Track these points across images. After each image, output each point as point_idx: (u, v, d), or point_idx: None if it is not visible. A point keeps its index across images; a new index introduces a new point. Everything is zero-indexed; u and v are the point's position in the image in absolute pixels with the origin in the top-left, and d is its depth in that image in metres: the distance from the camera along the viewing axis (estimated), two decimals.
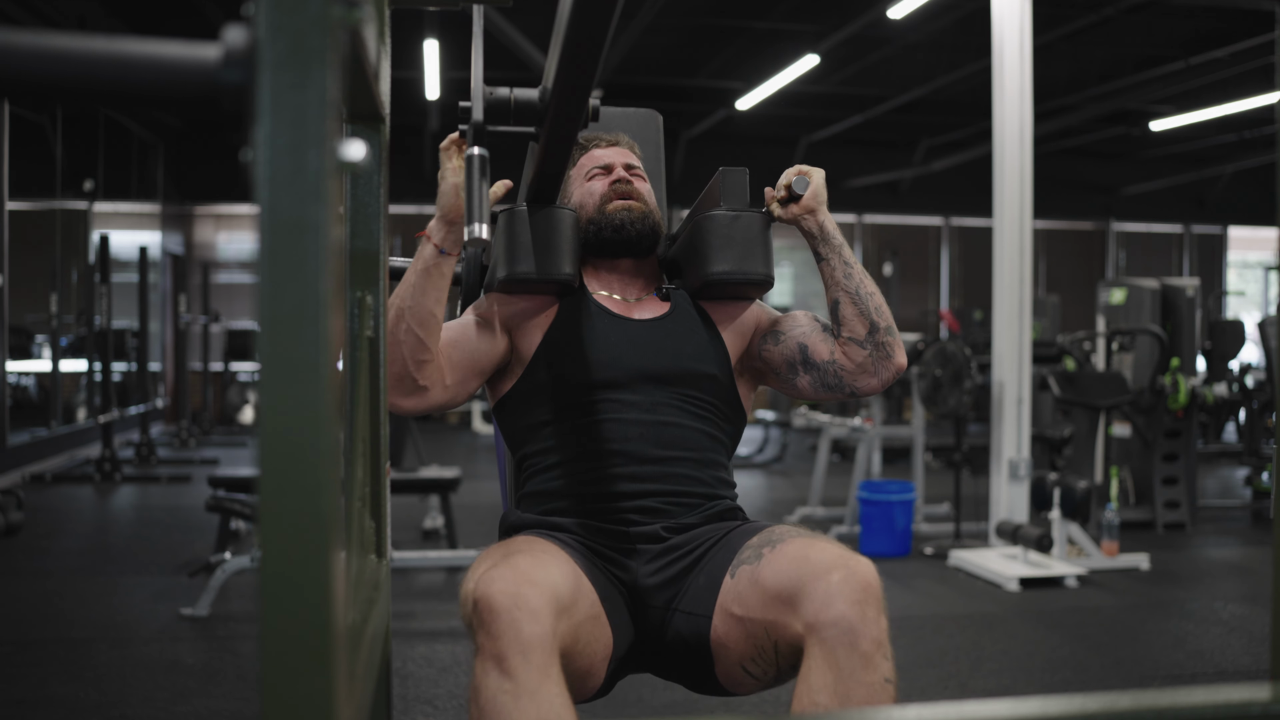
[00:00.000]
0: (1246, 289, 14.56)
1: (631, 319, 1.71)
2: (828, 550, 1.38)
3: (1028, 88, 4.96)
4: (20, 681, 3.21)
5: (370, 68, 0.97)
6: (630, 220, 1.73)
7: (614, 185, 1.76)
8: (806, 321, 1.73)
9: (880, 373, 1.65)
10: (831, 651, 1.29)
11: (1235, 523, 6.21)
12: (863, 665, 1.28)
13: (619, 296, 1.76)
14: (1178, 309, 6.04)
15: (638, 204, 1.75)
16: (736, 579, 1.46)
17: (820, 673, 1.29)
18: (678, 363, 1.66)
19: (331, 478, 0.60)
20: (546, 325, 1.70)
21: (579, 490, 1.61)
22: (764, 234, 1.73)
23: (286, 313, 0.59)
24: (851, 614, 1.29)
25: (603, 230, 1.74)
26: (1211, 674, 3.44)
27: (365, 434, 1.15)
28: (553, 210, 1.70)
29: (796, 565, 1.37)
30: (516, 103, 1.47)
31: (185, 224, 11.73)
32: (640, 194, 1.77)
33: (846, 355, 1.66)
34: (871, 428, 5.69)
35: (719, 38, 8.76)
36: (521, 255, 1.67)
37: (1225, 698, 0.78)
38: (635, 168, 1.82)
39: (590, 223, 1.75)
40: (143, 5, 8.14)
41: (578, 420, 1.63)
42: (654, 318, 1.72)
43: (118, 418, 8.26)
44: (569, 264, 1.69)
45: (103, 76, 0.69)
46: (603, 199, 1.76)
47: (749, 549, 1.48)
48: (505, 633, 1.24)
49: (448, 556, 4.53)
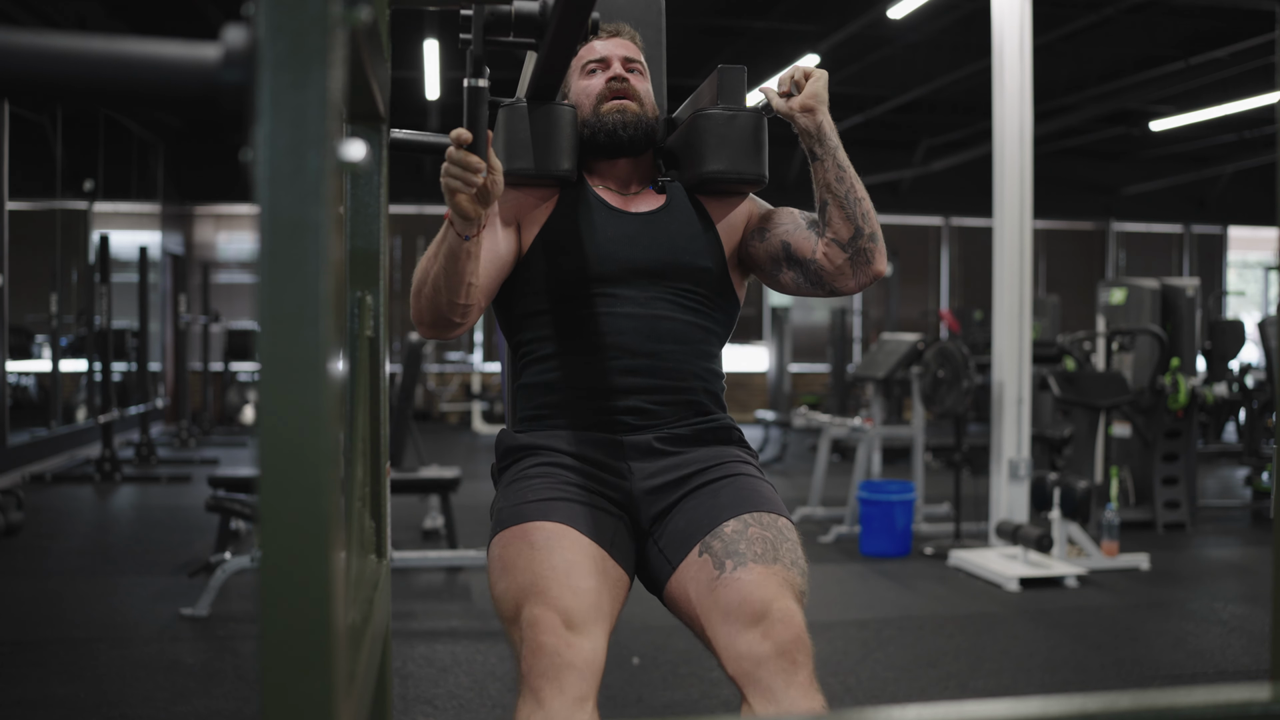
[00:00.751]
0: (1246, 289, 14.56)
1: (629, 212, 1.73)
2: (769, 594, 1.46)
3: (1028, 87, 4.96)
4: (20, 682, 3.21)
5: (370, 68, 0.97)
6: (624, 123, 1.72)
7: (610, 83, 1.73)
8: (790, 220, 1.74)
9: (858, 276, 1.67)
10: (768, 688, 1.42)
11: (1235, 523, 6.21)
12: (800, 694, 1.41)
13: (617, 190, 1.77)
14: (1178, 309, 6.04)
15: (632, 105, 1.73)
16: (701, 563, 1.53)
17: (761, 705, 1.41)
18: (672, 256, 1.69)
19: (331, 478, 0.60)
20: (545, 217, 1.71)
21: (573, 384, 1.66)
22: (758, 134, 1.76)
23: (286, 313, 0.59)
24: (782, 662, 1.42)
25: (597, 134, 1.73)
26: (1212, 674, 3.44)
27: (365, 434, 1.15)
28: (552, 107, 1.72)
29: (737, 605, 1.46)
30: (518, 15, 1.47)
31: (185, 224, 11.73)
32: (637, 93, 1.74)
33: (828, 256, 1.66)
34: (871, 428, 5.69)
35: (719, 38, 8.77)
36: (520, 151, 1.70)
37: (1225, 698, 0.78)
38: (634, 61, 1.78)
39: (585, 124, 1.74)
40: (142, 5, 8.14)
41: (573, 312, 1.67)
42: (650, 210, 1.74)
43: (118, 418, 8.26)
44: (567, 160, 1.72)
45: (103, 76, 0.69)
46: (598, 98, 1.74)
47: (720, 539, 1.54)
48: (549, 675, 1.37)
49: (448, 556, 4.53)
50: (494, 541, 1.57)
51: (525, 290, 1.70)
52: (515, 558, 1.50)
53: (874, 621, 4.00)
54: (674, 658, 3.45)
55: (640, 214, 1.74)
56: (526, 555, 1.49)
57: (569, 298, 1.67)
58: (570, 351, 1.67)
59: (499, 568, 1.52)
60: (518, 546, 1.51)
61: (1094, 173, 13.02)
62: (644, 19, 1.95)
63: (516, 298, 1.72)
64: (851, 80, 9.50)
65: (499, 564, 1.53)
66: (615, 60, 1.76)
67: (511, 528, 1.55)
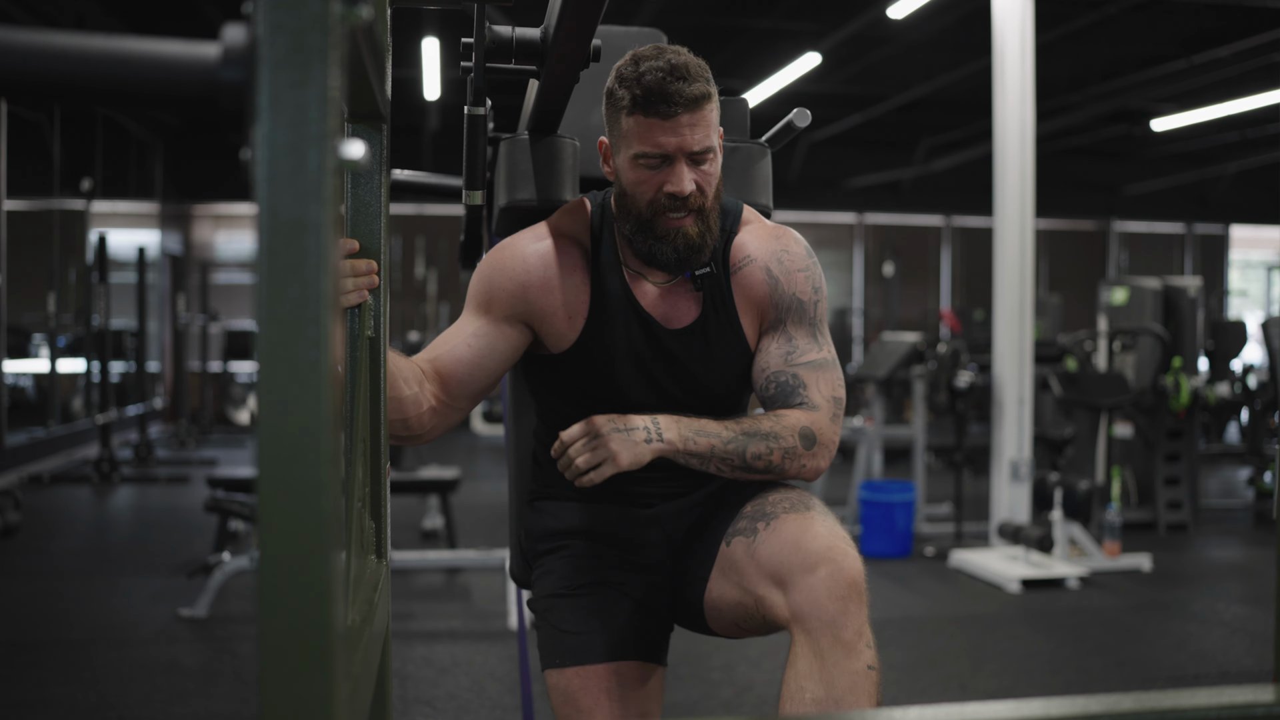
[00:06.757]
0: (1249, 289, 14.56)
1: (667, 329, 1.58)
2: (819, 538, 1.42)
3: (1029, 86, 4.96)
4: (18, 683, 3.21)
5: (370, 67, 0.97)
6: (677, 249, 1.50)
7: (670, 197, 1.47)
8: (766, 359, 1.60)
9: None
10: (816, 642, 1.37)
11: (1237, 523, 6.21)
12: (845, 654, 1.36)
13: (651, 280, 1.59)
14: (1180, 309, 6.04)
15: (692, 228, 1.50)
16: (732, 548, 1.52)
17: (806, 660, 1.37)
18: (705, 388, 1.62)
19: (331, 478, 0.60)
20: (579, 327, 1.57)
21: (593, 492, 1.62)
22: (763, 165, 1.74)
23: (286, 313, 0.59)
24: (834, 609, 1.37)
25: (640, 244, 1.53)
26: (1214, 675, 3.44)
27: (365, 434, 1.15)
28: (553, 139, 1.69)
29: (788, 551, 1.42)
30: (518, 41, 1.46)
31: (184, 223, 11.72)
32: (704, 207, 1.50)
33: None
34: (872, 428, 5.68)
35: (719, 37, 8.76)
36: (522, 182, 1.67)
37: (1228, 699, 0.78)
38: (706, 152, 1.47)
39: (630, 219, 1.52)
40: (141, 5, 8.13)
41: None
42: (687, 326, 1.59)
43: (116, 418, 8.26)
44: (570, 192, 1.69)
45: (101, 75, 0.68)
46: (653, 207, 1.49)
47: (744, 518, 1.53)
48: None
49: (447, 557, 4.52)
50: (546, 671, 1.60)
51: (554, 379, 1.63)
52: (568, 711, 1.56)
53: (874, 622, 4.00)
54: (674, 658, 3.44)
55: (677, 332, 1.59)
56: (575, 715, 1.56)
57: (597, 406, 1.59)
58: None
59: (556, 701, 1.59)
60: (566, 711, 1.56)
61: (1096, 172, 13.01)
62: None
63: (546, 379, 1.64)
64: (852, 79, 9.50)
65: (554, 699, 1.59)
66: (682, 163, 1.47)
67: (555, 671, 1.58)
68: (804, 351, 1.58)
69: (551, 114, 1.63)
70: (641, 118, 1.45)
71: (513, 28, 1.47)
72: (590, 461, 1.43)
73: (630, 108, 1.45)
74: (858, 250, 12.85)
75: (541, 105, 1.60)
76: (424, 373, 1.52)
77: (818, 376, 1.57)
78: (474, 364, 1.55)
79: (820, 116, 11.07)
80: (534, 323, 1.57)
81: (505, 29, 1.46)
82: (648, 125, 1.45)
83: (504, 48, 1.45)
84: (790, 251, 1.61)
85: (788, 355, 1.58)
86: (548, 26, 1.41)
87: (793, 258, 1.61)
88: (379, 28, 1.02)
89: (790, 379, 1.57)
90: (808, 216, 12.60)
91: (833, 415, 1.56)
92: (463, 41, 1.47)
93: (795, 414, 1.54)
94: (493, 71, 1.50)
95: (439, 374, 1.53)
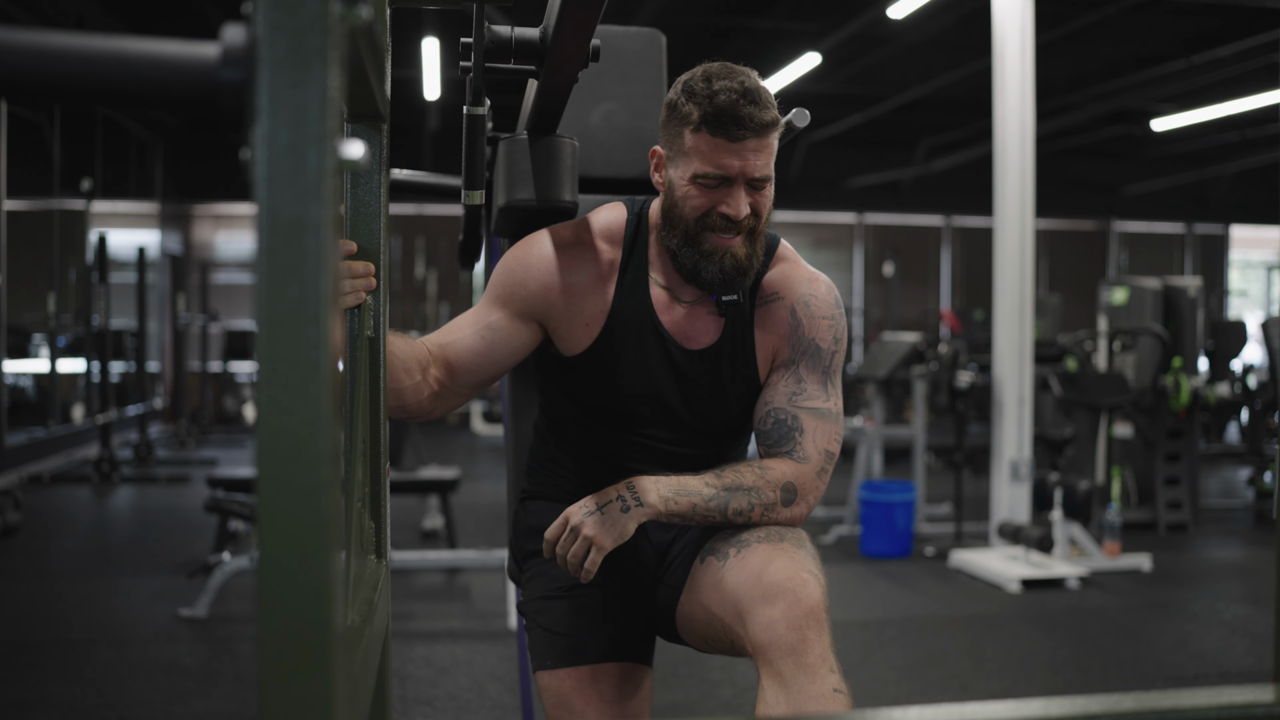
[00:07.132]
0: (1249, 289, 14.56)
1: (685, 349, 1.58)
2: (779, 571, 1.42)
3: (1029, 86, 4.96)
4: (18, 683, 3.21)
5: (370, 67, 0.97)
6: (721, 270, 1.50)
7: (723, 218, 1.47)
8: (761, 406, 1.61)
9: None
10: (778, 671, 1.37)
11: (1237, 523, 6.21)
12: (809, 678, 1.35)
13: (675, 293, 1.59)
14: (1180, 309, 6.04)
15: (741, 250, 1.50)
16: (705, 566, 1.52)
17: (772, 690, 1.37)
18: (716, 412, 1.62)
19: (331, 478, 0.60)
20: (594, 335, 1.57)
21: (592, 489, 1.62)
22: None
23: (286, 313, 0.59)
24: (793, 638, 1.37)
25: (683, 259, 1.52)
26: (1214, 675, 3.44)
27: (365, 434, 1.15)
28: (552, 139, 1.67)
29: (750, 584, 1.43)
30: (518, 41, 1.45)
31: (184, 223, 11.72)
32: (755, 230, 1.50)
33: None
34: (872, 428, 5.68)
35: (719, 37, 8.76)
36: (521, 182, 1.66)
37: (1228, 699, 0.78)
38: (765, 182, 1.48)
39: (674, 232, 1.51)
40: (141, 5, 8.13)
41: (606, 431, 1.63)
42: (706, 348, 1.59)
43: (116, 418, 8.26)
44: (569, 192, 1.67)
45: (101, 75, 0.68)
46: (702, 224, 1.49)
47: (720, 538, 1.53)
48: None
49: (447, 557, 4.52)
50: (537, 673, 1.62)
51: (564, 379, 1.63)
52: (560, 712, 1.58)
53: (875, 622, 4.00)
54: (674, 658, 3.44)
55: (693, 353, 1.59)
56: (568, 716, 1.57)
57: (602, 421, 1.61)
58: (594, 460, 1.65)
59: (548, 703, 1.60)
60: (558, 712, 1.58)
61: (1096, 172, 13.02)
62: (645, 55, 1.89)
63: (556, 378, 1.64)
64: (852, 79, 9.50)
65: (546, 700, 1.60)
66: (740, 187, 1.47)
67: (546, 672, 1.59)
68: (811, 396, 1.57)
69: (551, 114, 1.63)
70: (708, 136, 1.45)
71: (512, 28, 1.47)
72: (577, 555, 1.45)
73: (698, 124, 1.45)
74: (858, 250, 12.85)
75: (541, 105, 1.60)
76: (431, 355, 1.53)
77: (817, 426, 1.55)
78: (484, 354, 1.55)
79: (820, 116, 11.06)
80: (550, 324, 1.58)
81: (505, 29, 1.46)
82: (714, 145, 1.45)
83: (503, 48, 1.45)
84: (819, 297, 1.60)
85: (793, 395, 1.57)
86: (547, 26, 1.41)
87: (820, 304, 1.60)
88: (379, 28, 1.02)
89: (790, 420, 1.56)
90: (808, 216, 12.60)
91: (820, 470, 1.55)
92: (462, 41, 1.47)
93: (782, 466, 1.53)
94: (492, 71, 1.50)
95: (447, 359, 1.54)
